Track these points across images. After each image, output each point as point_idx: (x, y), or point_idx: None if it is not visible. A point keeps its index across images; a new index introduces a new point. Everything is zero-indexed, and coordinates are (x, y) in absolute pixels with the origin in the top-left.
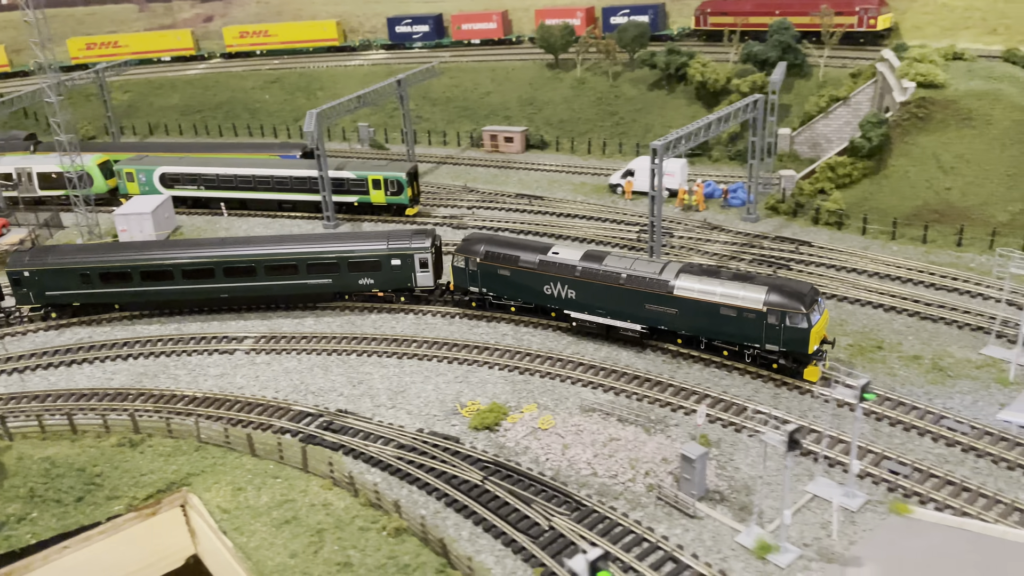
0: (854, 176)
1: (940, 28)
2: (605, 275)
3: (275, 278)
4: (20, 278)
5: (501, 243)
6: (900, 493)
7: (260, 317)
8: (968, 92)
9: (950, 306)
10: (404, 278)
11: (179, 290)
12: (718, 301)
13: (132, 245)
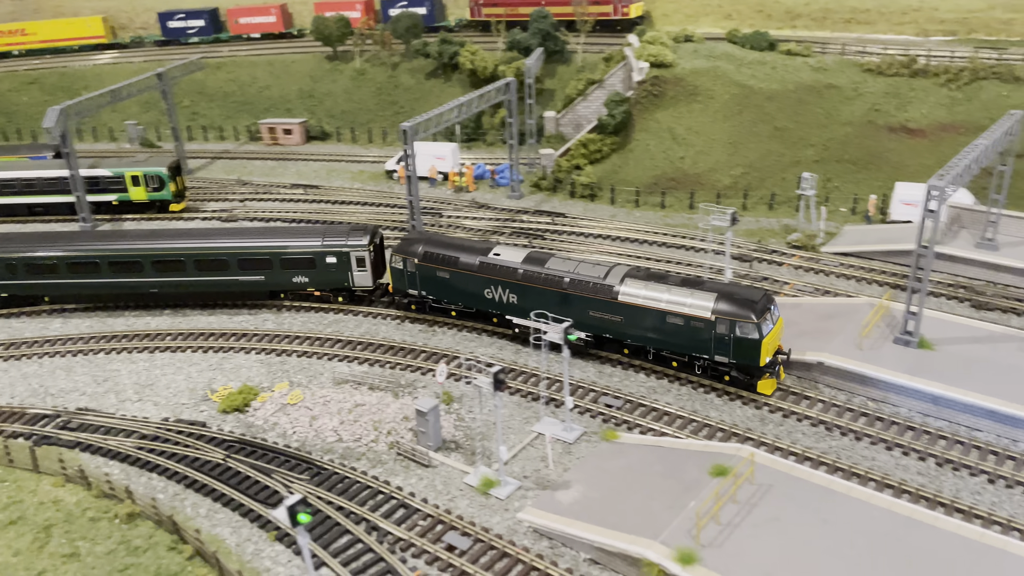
0: (604, 151)
1: (685, 15)
2: (547, 278)
3: (205, 274)
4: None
5: (441, 243)
6: (613, 422)
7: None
8: (693, 70)
9: (676, 260)
10: (340, 277)
11: (106, 283)
12: (664, 308)
13: (64, 236)
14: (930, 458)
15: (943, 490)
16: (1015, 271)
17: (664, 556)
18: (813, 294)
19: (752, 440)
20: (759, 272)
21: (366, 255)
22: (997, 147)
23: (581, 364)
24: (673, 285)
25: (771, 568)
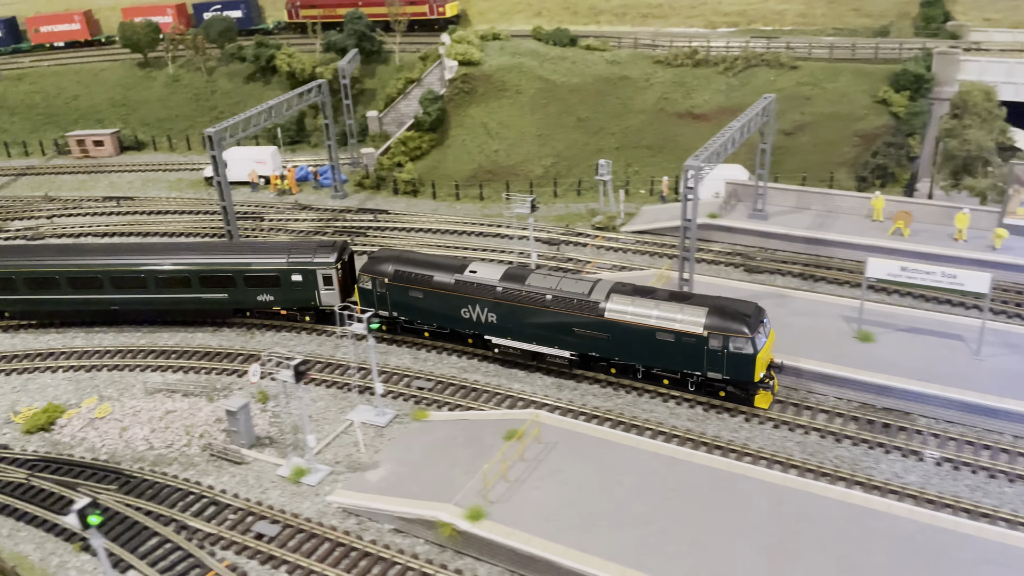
0: (424, 148)
1: (499, 13)
2: (529, 296)
3: (167, 291)
4: None
5: (412, 261)
6: (424, 403)
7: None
8: (499, 67)
9: (492, 248)
10: (307, 296)
11: (66, 300)
12: (654, 325)
13: (22, 250)
14: (698, 406)
15: (706, 432)
16: (780, 237)
17: (455, 515)
18: (611, 270)
19: (548, 406)
20: (565, 254)
21: (333, 273)
22: (753, 127)
23: (396, 351)
24: (661, 300)
25: (551, 512)
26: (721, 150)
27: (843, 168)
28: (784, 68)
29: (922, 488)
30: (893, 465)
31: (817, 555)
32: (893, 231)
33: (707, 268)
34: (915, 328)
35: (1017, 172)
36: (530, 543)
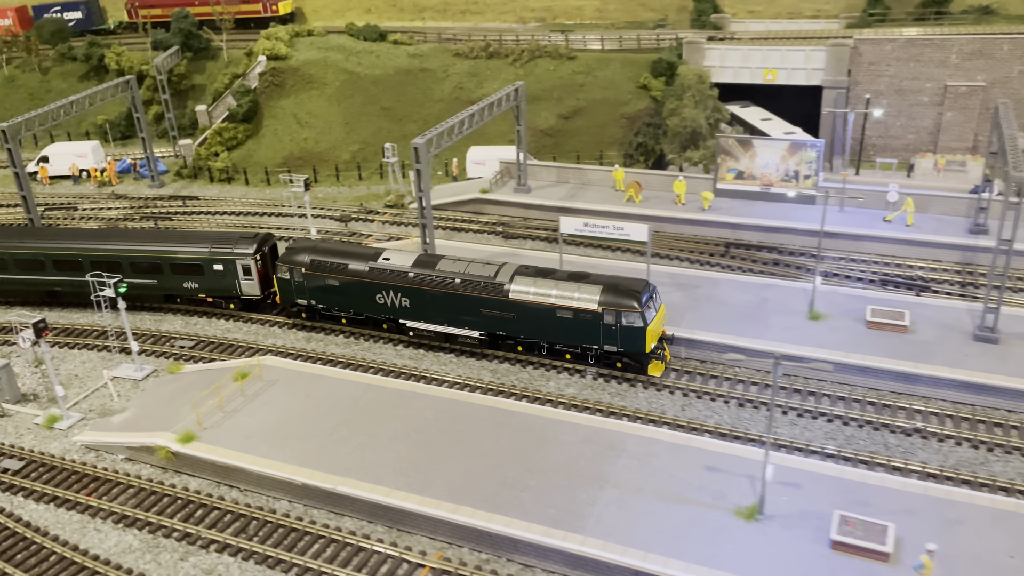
0: (239, 138)
1: (333, 11)
2: (439, 280)
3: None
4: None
5: (327, 251)
6: (183, 359)
7: None
8: (307, 61)
9: (280, 225)
10: (228, 285)
11: (11, 279)
12: (554, 303)
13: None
14: (420, 348)
15: (420, 367)
16: (538, 207)
17: (170, 440)
18: (390, 241)
19: (285, 352)
20: (353, 229)
21: (252, 264)
22: (496, 111)
23: (170, 318)
24: (561, 280)
25: (252, 432)
26: (452, 132)
27: (613, 147)
28: (563, 59)
29: (573, 397)
30: (559, 382)
31: (456, 444)
32: (627, 199)
33: (474, 236)
34: (599, 267)
35: (723, 144)
36: (227, 456)
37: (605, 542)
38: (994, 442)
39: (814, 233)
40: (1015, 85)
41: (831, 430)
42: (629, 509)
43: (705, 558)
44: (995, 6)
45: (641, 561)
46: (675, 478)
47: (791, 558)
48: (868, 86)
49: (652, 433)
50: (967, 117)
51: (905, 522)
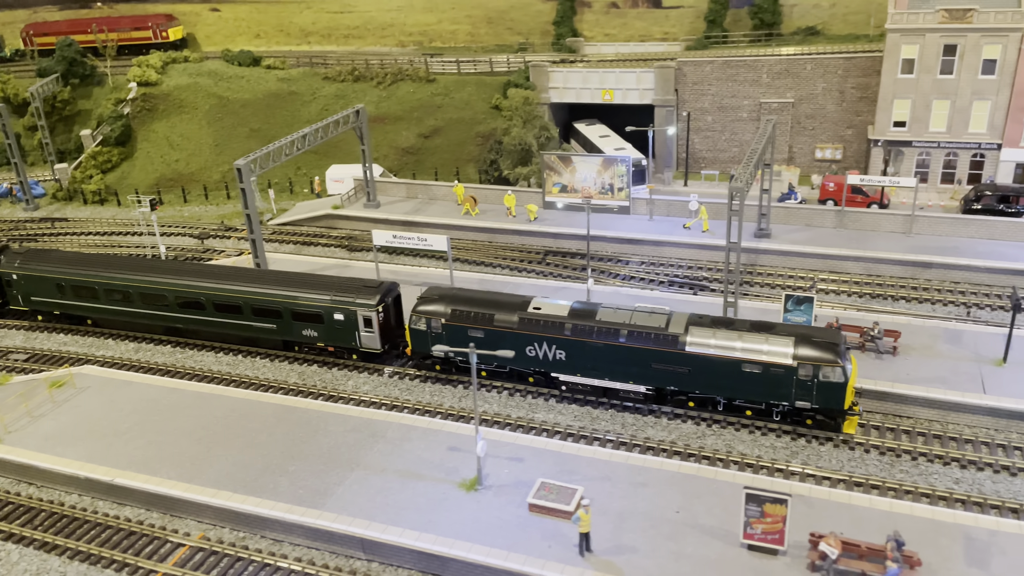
0: (114, 161)
1: (224, 36)
2: (601, 331)
3: (223, 316)
4: (11, 281)
5: (468, 300)
6: (16, 371)
7: None
8: (177, 86)
9: (146, 245)
10: (348, 336)
11: (139, 313)
12: (738, 357)
13: (106, 260)
14: (232, 354)
15: (236, 370)
16: (384, 222)
17: None
18: (241, 256)
19: (102, 362)
20: (209, 246)
21: (373, 315)
22: (332, 133)
23: (11, 333)
24: (744, 331)
25: (52, 434)
26: (281, 152)
27: (470, 164)
28: (423, 81)
29: (367, 393)
30: (358, 380)
31: (235, 438)
32: (464, 212)
33: (322, 250)
34: (403, 274)
35: (546, 161)
36: (24, 456)
37: (338, 515)
38: (689, 415)
39: (624, 240)
40: (820, 101)
41: (579, 413)
42: (369, 486)
43: (420, 524)
44: (820, 27)
45: (364, 529)
46: (420, 459)
47: (492, 519)
48: (694, 104)
49: (411, 421)
50: (780, 131)
51: (601, 486)
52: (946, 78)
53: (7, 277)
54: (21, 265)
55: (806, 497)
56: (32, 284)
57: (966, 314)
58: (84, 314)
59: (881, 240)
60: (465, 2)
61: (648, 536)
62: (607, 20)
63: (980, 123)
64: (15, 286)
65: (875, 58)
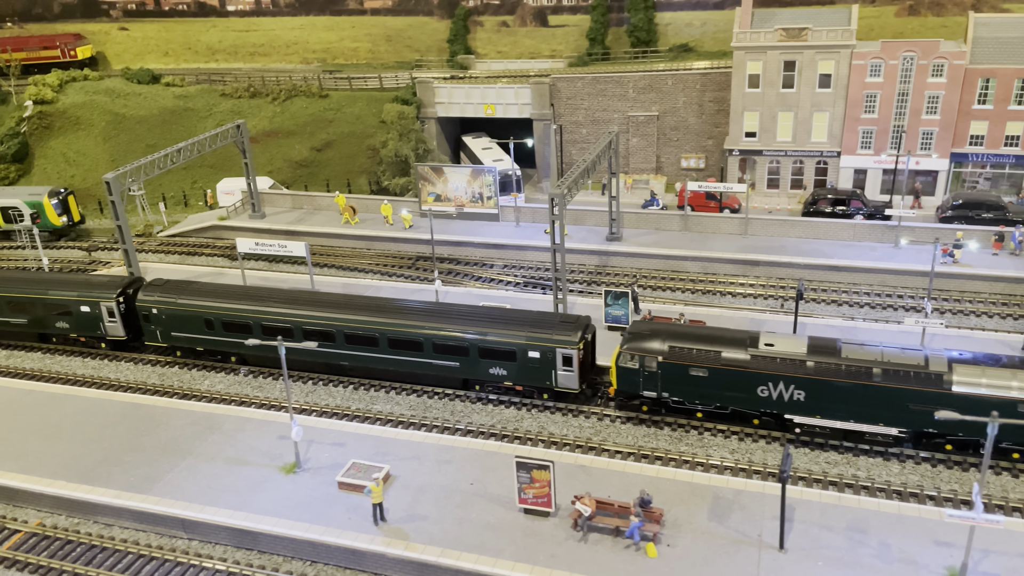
0: (11, 177)
1: (133, 54)
2: (849, 371)
3: (397, 353)
4: (150, 315)
5: (689, 336)
6: None
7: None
8: (74, 104)
9: (30, 258)
10: (544, 376)
11: (299, 350)
12: (1016, 397)
13: (258, 293)
14: (104, 358)
15: (99, 373)
16: (268, 231)
17: None
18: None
19: None
20: (95, 257)
21: (574, 353)
22: (208, 148)
23: None
24: (1015, 368)
25: None
26: (155, 166)
27: (361, 176)
28: (316, 97)
29: (222, 392)
30: (215, 381)
31: (79, 433)
32: (344, 221)
33: (207, 260)
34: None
35: (420, 171)
36: None
37: (161, 498)
38: (512, 402)
39: (490, 245)
40: (682, 114)
41: (415, 403)
42: (197, 473)
43: (236, 503)
44: (692, 44)
45: (184, 511)
46: (250, 447)
47: (304, 497)
48: (569, 117)
49: (249, 413)
50: (648, 142)
51: (410, 464)
52: (788, 92)
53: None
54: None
55: (587, 467)
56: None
57: (780, 306)
58: (232, 351)
59: (719, 241)
60: (365, 21)
61: (440, 506)
62: (498, 38)
63: (821, 133)
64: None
65: (726, 74)
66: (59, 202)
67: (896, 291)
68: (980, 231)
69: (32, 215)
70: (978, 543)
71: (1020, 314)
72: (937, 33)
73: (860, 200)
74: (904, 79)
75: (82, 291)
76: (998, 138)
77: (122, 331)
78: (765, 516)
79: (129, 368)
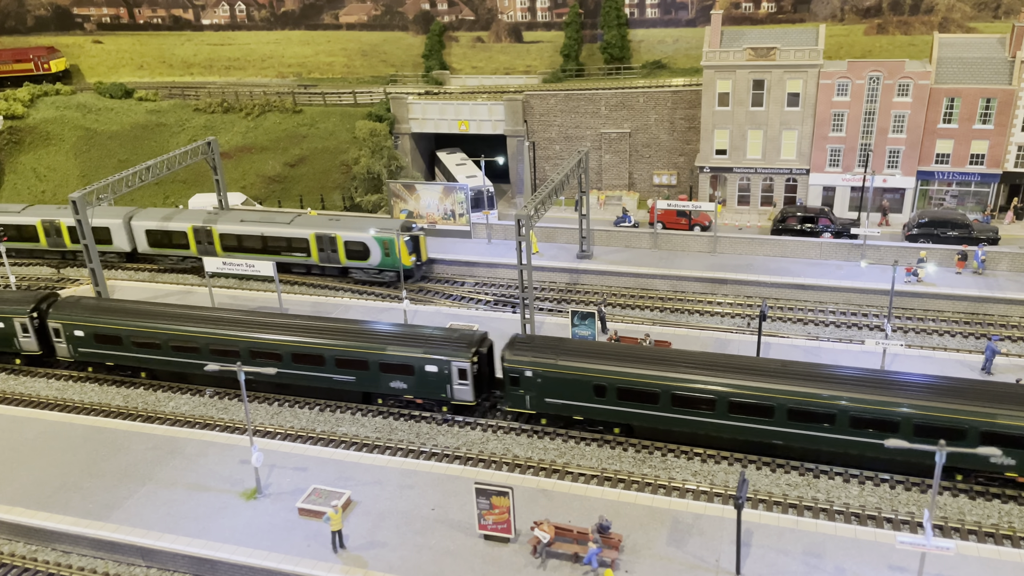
0: None
1: (107, 67)
2: None
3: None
4: (520, 377)
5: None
6: None
7: None
8: (44, 119)
9: None
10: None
11: (670, 419)
12: None
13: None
14: (67, 380)
15: (62, 395)
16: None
17: None
18: None
19: None
20: (63, 275)
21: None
22: (180, 165)
23: None
24: None
25: None
26: (123, 183)
27: (335, 191)
28: (289, 112)
29: (187, 414)
30: (179, 403)
31: (39, 458)
32: None
33: (174, 277)
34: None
35: (392, 188)
36: None
37: (119, 526)
38: (478, 423)
39: (461, 263)
40: (653, 131)
41: (380, 425)
42: (157, 499)
43: (195, 530)
44: (665, 61)
45: (142, 538)
46: (211, 472)
47: (263, 524)
48: (542, 134)
49: (211, 437)
50: (620, 159)
51: (371, 489)
52: (757, 110)
53: None
54: None
55: (549, 491)
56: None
57: (747, 325)
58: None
59: (688, 259)
60: (340, 36)
61: (400, 532)
62: (473, 53)
63: (790, 151)
64: None
65: (697, 92)
66: (411, 239)
67: (861, 309)
68: (943, 250)
69: (383, 252)
70: (931, 568)
71: (982, 333)
72: (905, 51)
73: (828, 218)
74: (870, 98)
75: None
76: (963, 156)
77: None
78: (724, 541)
79: (93, 389)
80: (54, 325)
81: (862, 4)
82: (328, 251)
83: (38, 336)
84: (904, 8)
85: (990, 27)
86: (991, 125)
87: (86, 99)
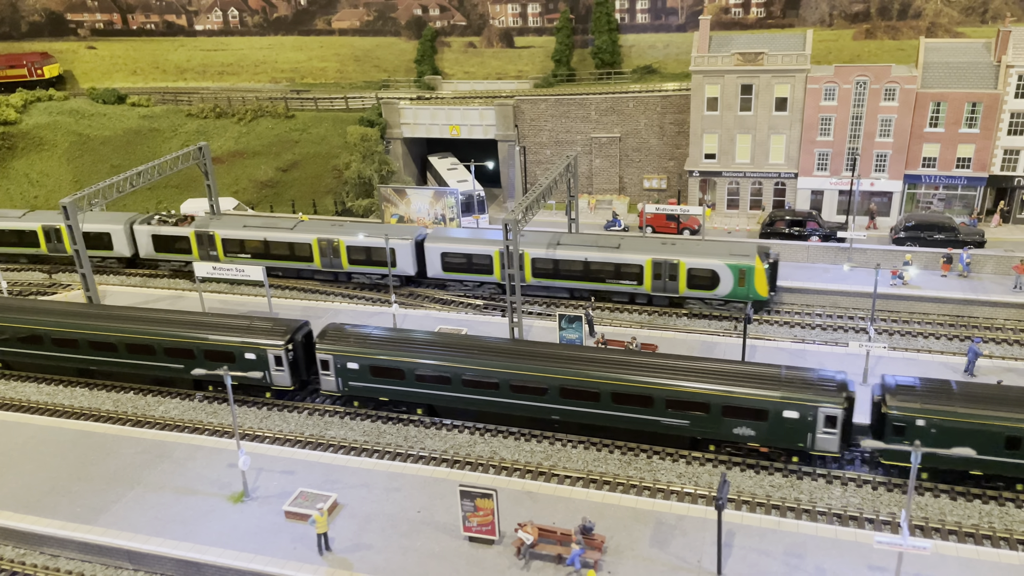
0: None
1: (101, 73)
2: None
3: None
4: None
5: None
6: None
7: None
8: (37, 125)
9: None
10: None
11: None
12: None
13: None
14: (53, 384)
15: (54, 399)
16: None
17: None
18: None
19: None
20: (55, 280)
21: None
22: (171, 170)
23: None
24: None
25: None
26: (115, 188)
27: (327, 196)
28: (281, 117)
29: (176, 418)
30: (168, 406)
31: (28, 461)
32: None
33: (166, 281)
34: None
35: (383, 193)
36: None
37: (107, 529)
38: (466, 426)
39: None
40: (643, 135)
41: (368, 428)
42: (145, 503)
43: (183, 533)
44: (656, 66)
45: (129, 541)
46: (199, 476)
47: (250, 527)
48: (533, 138)
49: (200, 441)
50: (611, 163)
51: (358, 492)
52: (746, 115)
53: None
54: None
55: (534, 494)
56: None
57: (733, 328)
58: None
59: None
60: (333, 41)
61: (386, 535)
62: (465, 58)
63: (779, 155)
64: None
65: (686, 96)
66: (771, 266)
67: (847, 312)
68: (929, 253)
69: (736, 282)
70: (911, 568)
71: (966, 335)
72: (893, 56)
73: (816, 221)
74: (857, 103)
75: None
76: (950, 160)
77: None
78: (706, 542)
79: (83, 394)
80: (323, 356)
81: (850, 9)
82: (665, 279)
83: (291, 369)
84: (892, 13)
85: (977, 32)
86: (977, 129)
87: (79, 104)
